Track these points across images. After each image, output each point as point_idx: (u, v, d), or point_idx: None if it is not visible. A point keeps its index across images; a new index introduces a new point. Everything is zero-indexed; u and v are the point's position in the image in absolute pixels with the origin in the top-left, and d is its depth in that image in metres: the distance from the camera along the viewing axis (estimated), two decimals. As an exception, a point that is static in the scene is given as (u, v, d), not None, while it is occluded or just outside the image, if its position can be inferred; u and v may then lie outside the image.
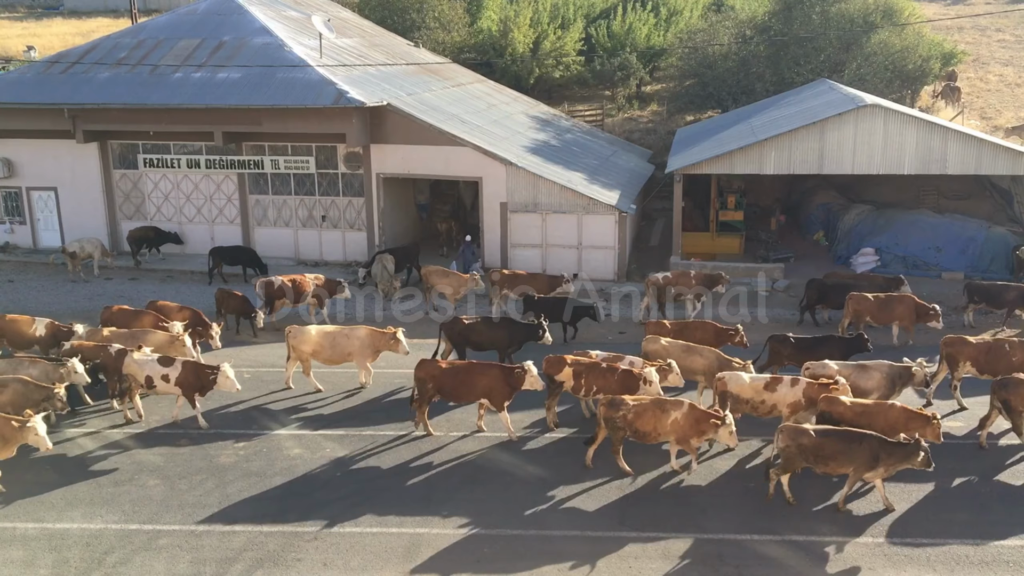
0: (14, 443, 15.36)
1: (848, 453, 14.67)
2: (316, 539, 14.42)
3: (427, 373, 17.73)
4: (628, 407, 15.94)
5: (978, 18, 59.31)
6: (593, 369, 17.84)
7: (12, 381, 16.91)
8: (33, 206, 32.36)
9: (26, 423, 15.18)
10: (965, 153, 26.89)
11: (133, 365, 18.22)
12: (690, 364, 18.78)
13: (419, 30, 46.48)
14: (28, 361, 18.23)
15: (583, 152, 34.74)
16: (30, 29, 62.54)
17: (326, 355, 20.01)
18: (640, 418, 15.90)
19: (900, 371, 17.67)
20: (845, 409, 16.04)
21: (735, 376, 17.33)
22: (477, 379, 17.70)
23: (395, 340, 19.76)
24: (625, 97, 48.68)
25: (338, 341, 19.95)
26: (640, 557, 13.92)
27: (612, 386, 17.49)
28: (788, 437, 14.96)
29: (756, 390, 17.04)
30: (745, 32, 43.76)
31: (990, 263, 28.18)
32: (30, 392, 16.73)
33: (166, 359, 18.30)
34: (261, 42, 31.78)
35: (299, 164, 30.57)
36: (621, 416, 15.94)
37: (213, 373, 17.97)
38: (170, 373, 18.05)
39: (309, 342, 19.95)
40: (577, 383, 17.86)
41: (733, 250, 30.89)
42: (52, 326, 20.62)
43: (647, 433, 16.00)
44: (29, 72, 32.37)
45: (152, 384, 18.16)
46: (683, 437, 15.91)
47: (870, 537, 14.38)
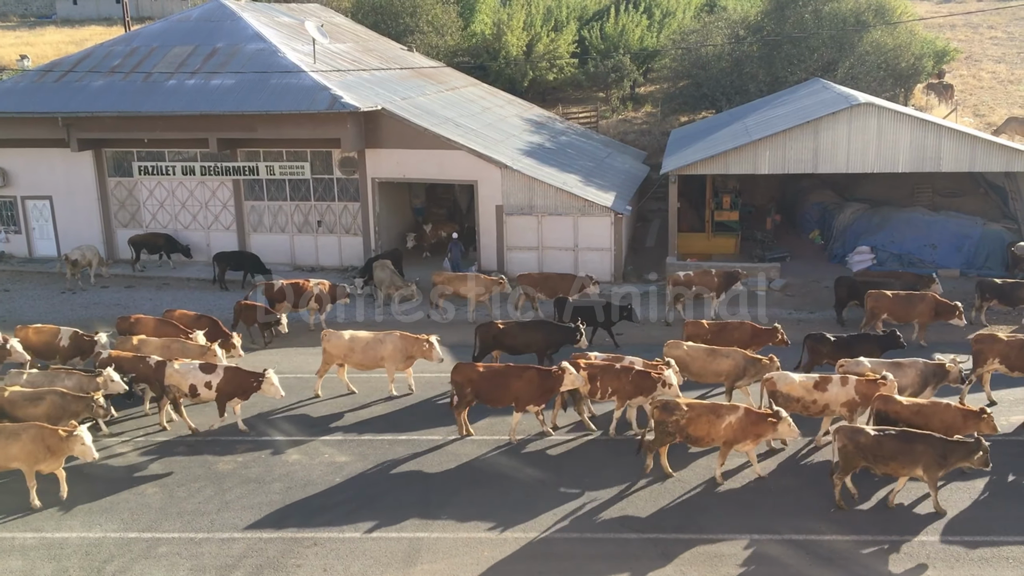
0: (61, 454, 15.32)
1: (908, 453, 14.50)
2: (316, 545, 14.41)
3: (464, 377, 17.64)
4: (681, 411, 15.77)
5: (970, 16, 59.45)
6: (608, 371, 17.70)
7: (49, 393, 16.87)
8: (28, 215, 32.33)
9: (72, 433, 15.15)
10: (959, 150, 26.94)
11: (175, 375, 18.11)
12: (715, 367, 18.64)
13: (412, 34, 46.51)
14: (64, 373, 18.15)
15: (578, 154, 34.77)
16: (23, 38, 62.49)
17: (358, 360, 19.94)
18: (694, 423, 15.73)
19: (934, 368, 17.75)
20: (902, 408, 15.98)
21: (784, 376, 17.27)
22: (514, 382, 17.57)
23: (429, 346, 19.68)
24: (619, 99, 48.72)
25: (371, 346, 19.87)
26: (641, 558, 13.93)
27: (627, 388, 17.43)
28: (845, 437, 14.82)
29: (806, 389, 16.97)
30: (738, 32, 43.82)
31: (985, 260, 28.24)
32: (68, 403, 16.68)
33: (208, 366, 18.19)
34: (254, 48, 31.78)
35: (294, 169, 30.57)
36: (674, 420, 15.77)
37: (256, 380, 17.90)
38: (213, 380, 17.96)
39: (340, 347, 19.91)
40: (592, 385, 17.72)
41: (729, 250, 30.92)
42: (76, 336, 20.51)
43: (700, 438, 15.84)
44: (23, 81, 32.34)
45: (196, 392, 18.04)
46: (738, 441, 15.76)
47: (870, 535, 14.39)
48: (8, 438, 15.16)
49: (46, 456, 15.23)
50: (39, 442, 15.14)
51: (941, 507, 14.88)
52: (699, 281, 25.28)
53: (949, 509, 15.02)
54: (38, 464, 15.29)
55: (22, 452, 15.14)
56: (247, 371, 18.21)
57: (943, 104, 43.64)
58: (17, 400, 16.81)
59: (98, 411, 16.76)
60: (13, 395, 16.91)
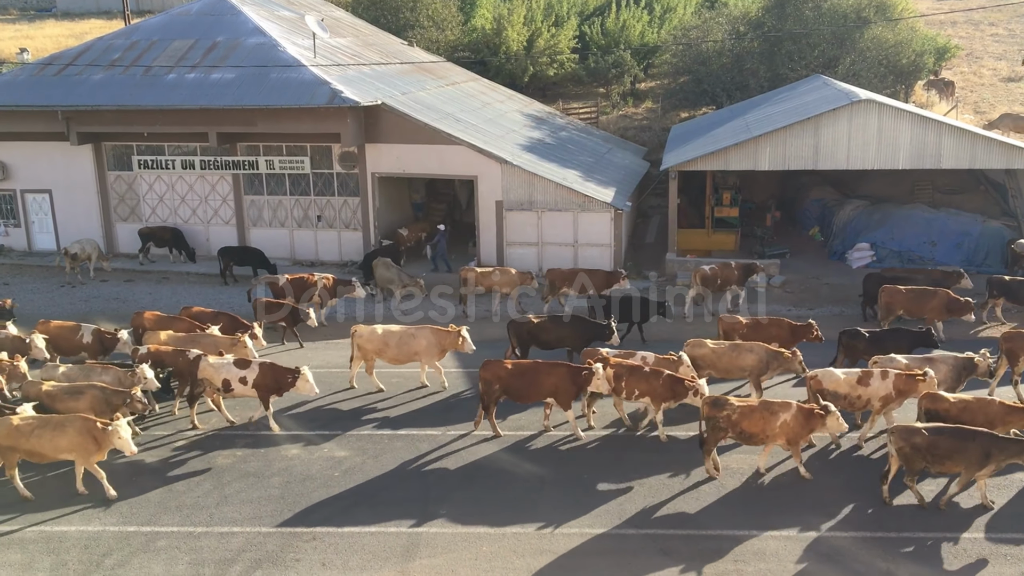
0: (105, 446, 15.33)
1: (962, 451, 14.42)
2: (314, 539, 14.42)
3: (493, 374, 17.57)
4: (732, 408, 15.71)
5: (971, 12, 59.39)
6: (635, 372, 17.53)
7: (89, 388, 16.87)
8: (27, 209, 32.30)
9: (109, 426, 15.16)
10: (959, 147, 26.93)
11: (209, 369, 18.05)
12: (740, 363, 18.62)
13: (413, 29, 46.45)
14: (100, 368, 18.14)
15: (578, 150, 34.74)
16: (23, 31, 62.39)
17: (391, 355, 19.89)
18: (747, 419, 15.66)
19: (964, 362, 17.82)
20: (949, 405, 15.96)
21: (829, 373, 17.26)
22: (544, 379, 17.49)
23: (460, 338, 19.66)
24: (619, 94, 48.67)
25: (404, 341, 19.84)
26: (639, 554, 13.94)
27: (656, 390, 17.29)
28: (901, 438, 14.72)
29: (851, 385, 16.97)
30: (739, 28, 43.78)
31: (985, 257, 28.25)
32: (108, 397, 16.68)
33: (242, 361, 18.14)
34: (255, 42, 31.72)
35: (294, 164, 30.54)
36: (724, 416, 15.70)
37: (292, 376, 17.85)
38: (248, 375, 17.91)
39: (374, 341, 19.87)
40: (618, 385, 17.59)
41: (728, 246, 30.91)
42: (98, 333, 20.41)
43: (754, 435, 15.77)
44: (22, 74, 32.28)
45: (230, 388, 18.00)
46: (792, 438, 15.72)
47: (869, 532, 14.40)
48: (55, 430, 15.20)
49: (93, 448, 15.24)
50: (86, 434, 15.16)
51: (989, 501, 14.89)
52: (722, 274, 25.59)
53: (948, 507, 15.03)
54: (87, 456, 15.31)
55: (70, 444, 15.18)
56: (283, 367, 18.11)
57: (944, 101, 43.62)
58: (57, 394, 16.82)
59: (136, 405, 16.70)
60: (53, 389, 16.91)
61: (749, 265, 26.02)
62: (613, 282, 25.35)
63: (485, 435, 17.90)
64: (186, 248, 30.58)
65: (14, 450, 15.27)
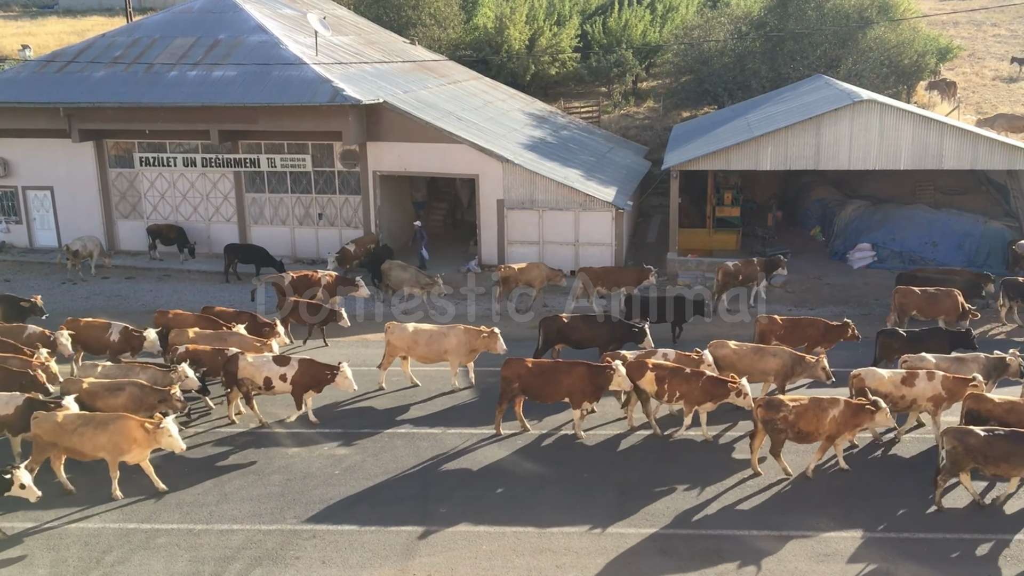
0: (147, 446, 15.32)
1: (1020, 454, 14.28)
2: (314, 537, 14.43)
3: (513, 372, 17.54)
4: (788, 408, 15.69)
5: (973, 13, 59.34)
6: (677, 374, 17.30)
7: (128, 384, 16.85)
8: (29, 205, 32.31)
9: (159, 425, 15.15)
10: (961, 148, 26.92)
11: (249, 368, 18.02)
12: (763, 366, 18.35)
13: (415, 27, 46.43)
14: (138, 367, 18.10)
15: (579, 149, 34.74)
16: (25, 28, 62.42)
17: (422, 352, 19.88)
18: (802, 418, 15.66)
19: (996, 362, 17.83)
20: (993, 406, 15.90)
21: (872, 372, 17.25)
22: (563, 378, 17.45)
23: (492, 337, 19.64)
24: (621, 94, 48.65)
25: (435, 339, 19.81)
26: (638, 553, 13.95)
27: (697, 392, 17.08)
28: (955, 438, 14.63)
29: (895, 384, 16.96)
30: (741, 28, 43.76)
31: (986, 258, 28.22)
32: (145, 395, 16.65)
33: (282, 359, 18.11)
34: (257, 40, 31.72)
35: (295, 162, 30.55)
36: (781, 417, 15.68)
37: (331, 372, 17.84)
38: (287, 373, 17.89)
39: (404, 339, 19.86)
40: (660, 388, 17.33)
41: (729, 246, 30.89)
42: (126, 331, 20.27)
43: (809, 433, 15.76)
44: (24, 71, 32.29)
45: (271, 385, 17.97)
46: (841, 433, 15.76)
47: (868, 532, 14.41)
48: (96, 428, 15.19)
49: (132, 447, 15.24)
50: (126, 433, 15.16)
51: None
52: (745, 271, 25.73)
53: (947, 505, 15.03)
54: (124, 455, 15.30)
55: (109, 442, 15.17)
56: (322, 364, 18.09)
57: (945, 102, 43.60)
58: (97, 391, 16.78)
59: (175, 404, 16.65)
60: (92, 386, 16.87)
61: (773, 261, 26.16)
62: (643, 279, 25.36)
63: (484, 434, 17.91)
64: (188, 245, 30.53)
65: (56, 446, 15.26)
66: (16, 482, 13.97)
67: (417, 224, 30.29)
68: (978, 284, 24.34)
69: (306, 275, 25.05)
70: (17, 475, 14.01)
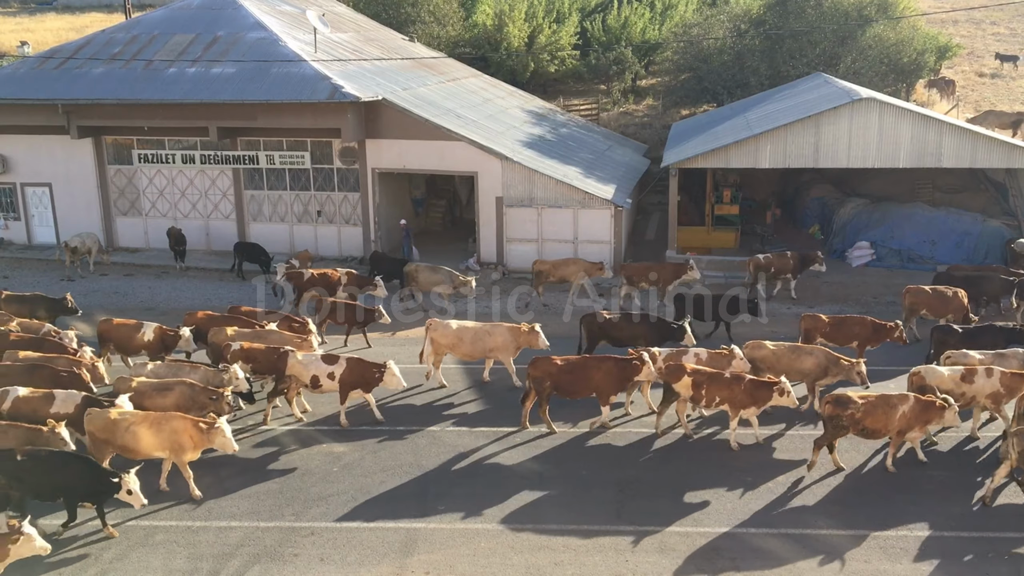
0: (200, 446, 15.28)
1: None
2: (313, 534, 14.44)
3: (543, 371, 17.48)
4: (856, 405, 15.67)
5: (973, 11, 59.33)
6: (716, 379, 17.01)
7: (178, 384, 16.76)
8: (28, 202, 32.29)
9: (214, 425, 15.10)
10: (960, 146, 26.93)
11: (297, 366, 17.96)
12: (799, 366, 18.09)
13: (414, 24, 46.39)
14: (189, 367, 18.02)
15: (579, 146, 34.73)
16: (23, 24, 62.37)
17: (466, 350, 19.85)
18: (870, 415, 15.64)
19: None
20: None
21: (931, 370, 17.23)
22: (593, 373, 17.39)
23: (534, 334, 19.58)
24: (620, 91, 48.62)
25: (479, 337, 19.78)
26: (637, 551, 13.95)
27: (739, 396, 16.73)
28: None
29: (955, 382, 16.93)
30: (740, 26, 43.73)
31: (985, 256, 28.22)
32: (196, 395, 16.54)
33: (330, 357, 18.07)
34: (256, 37, 31.69)
35: (294, 159, 30.53)
36: (849, 415, 15.67)
37: (379, 371, 17.79)
38: (336, 371, 17.85)
39: (448, 336, 19.83)
40: (697, 393, 17.01)
41: (728, 244, 30.90)
42: (160, 330, 20.08)
43: (877, 430, 15.75)
44: (23, 68, 32.27)
45: (318, 384, 17.92)
46: (911, 430, 15.77)
47: (866, 530, 14.42)
48: (151, 426, 15.15)
49: (188, 447, 15.19)
50: (181, 433, 15.10)
51: None
52: (777, 263, 25.80)
53: (944, 504, 15.04)
54: (177, 454, 15.24)
55: (164, 441, 15.13)
56: (370, 362, 18.03)
57: (944, 100, 43.60)
58: (146, 391, 16.69)
59: (224, 406, 16.51)
60: (142, 385, 16.80)
61: (809, 256, 26.20)
62: (681, 273, 25.39)
63: (483, 431, 17.92)
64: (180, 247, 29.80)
65: (109, 444, 15.19)
66: (124, 487, 13.82)
67: (403, 223, 30.15)
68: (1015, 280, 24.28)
69: (325, 272, 24.99)
70: (126, 480, 13.85)
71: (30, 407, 16.04)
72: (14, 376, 17.17)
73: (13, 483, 13.93)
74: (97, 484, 13.99)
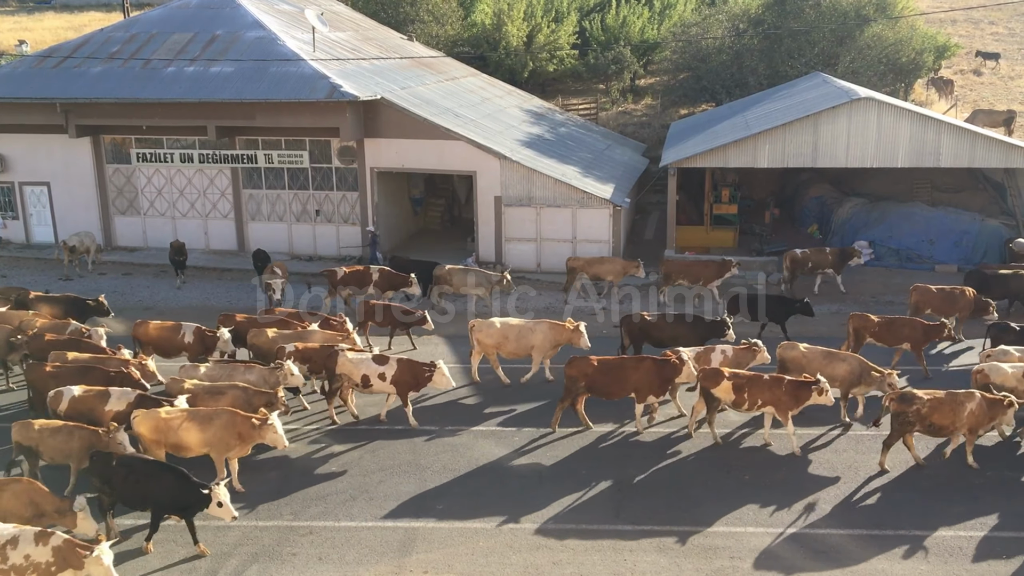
0: (251, 442, 15.28)
1: None
2: (311, 533, 14.43)
3: (579, 371, 17.44)
4: (922, 402, 15.70)
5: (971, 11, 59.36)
6: (756, 382, 16.72)
7: (231, 388, 16.70)
8: (26, 201, 32.25)
9: (265, 421, 15.07)
10: (958, 146, 26.95)
11: (348, 364, 17.95)
12: (831, 372, 17.58)
13: (412, 24, 46.38)
14: (243, 367, 17.97)
15: (577, 146, 34.72)
16: (22, 23, 62.30)
17: (510, 348, 19.89)
18: (936, 412, 15.67)
19: None
20: None
21: (996, 368, 17.23)
22: (630, 374, 17.36)
23: (578, 333, 19.57)
24: (619, 91, 48.64)
25: (523, 334, 19.83)
26: (635, 550, 13.96)
27: (782, 399, 16.46)
28: None
29: (1018, 379, 16.96)
30: (739, 25, 43.74)
31: (983, 256, 28.24)
32: (250, 397, 16.47)
33: (380, 357, 18.06)
34: (254, 36, 31.67)
35: (293, 158, 30.51)
36: (915, 411, 15.70)
37: (429, 371, 17.75)
38: (386, 371, 17.83)
39: (493, 335, 19.86)
40: (739, 397, 16.71)
41: (727, 243, 30.89)
42: (199, 332, 19.94)
43: (944, 427, 15.77)
44: (21, 66, 32.23)
45: (368, 383, 17.89)
46: (975, 427, 15.80)
47: (864, 529, 14.43)
48: (202, 423, 15.14)
49: (237, 443, 15.19)
50: (231, 428, 15.10)
51: None
52: (815, 258, 25.94)
53: (944, 504, 15.05)
54: (229, 451, 15.25)
55: (214, 438, 15.12)
56: (419, 363, 17.99)
57: (943, 99, 43.63)
58: (199, 394, 16.61)
59: (279, 405, 16.46)
60: (195, 389, 16.72)
61: (847, 251, 26.33)
62: (724, 272, 25.43)
63: (482, 430, 17.93)
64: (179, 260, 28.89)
65: (160, 444, 15.14)
66: (215, 499, 13.50)
67: (370, 229, 29.63)
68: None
69: (358, 270, 24.94)
70: (216, 492, 13.52)
71: (86, 406, 16.04)
72: (67, 378, 17.13)
73: (106, 488, 13.83)
74: (187, 497, 13.63)
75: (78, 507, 12.95)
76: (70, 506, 12.99)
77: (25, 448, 15.02)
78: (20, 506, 12.99)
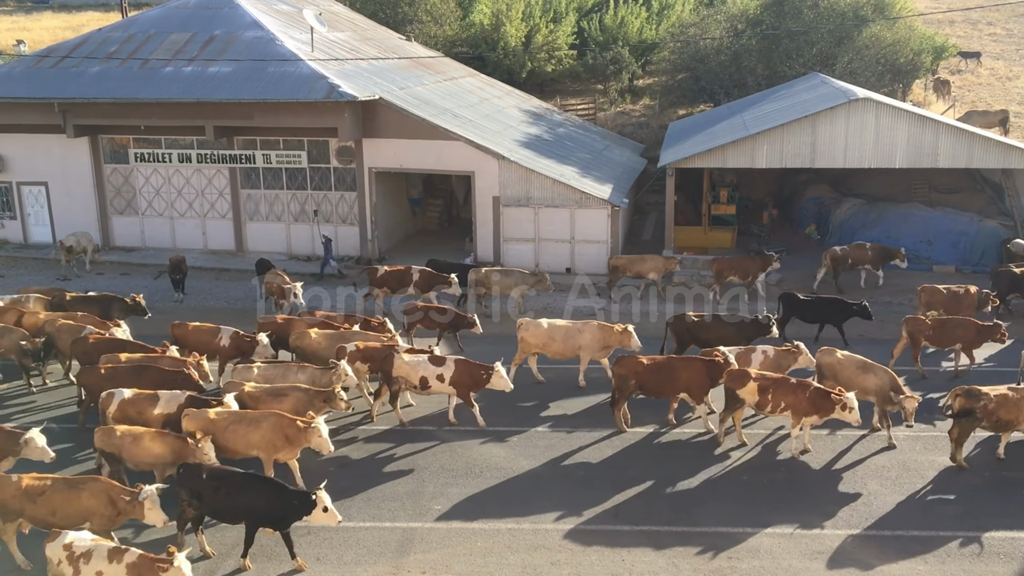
0: (298, 445, 15.20)
1: None
2: (309, 533, 14.42)
3: (629, 369, 17.47)
4: (988, 398, 15.75)
5: (969, 12, 59.40)
6: (782, 385, 16.61)
7: (292, 390, 16.61)
8: (24, 201, 32.22)
9: (311, 424, 15.00)
10: (956, 146, 26.98)
11: (405, 366, 17.86)
12: (862, 383, 17.22)
13: (411, 24, 46.37)
14: (296, 367, 17.92)
15: (575, 146, 34.72)
16: (20, 23, 62.24)
17: (556, 349, 19.83)
18: (1002, 407, 15.75)
19: None
20: None
21: None
22: (680, 373, 17.39)
23: (627, 335, 19.52)
24: (617, 91, 48.66)
25: (570, 335, 19.77)
26: (633, 549, 13.96)
27: (804, 404, 16.33)
28: None
29: None
30: (737, 26, 43.74)
31: (981, 256, 28.28)
32: (311, 398, 16.40)
33: (437, 358, 17.97)
34: (252, 36, 31.65)
35: (291, 158, 30.49)
36: (981, 407, 15.75)
37: (487, 372, 17.68)
38: (444, 373, 17.76)
39: (540, 336, 19.82)
40: (763, 399, 16.61)
41: (725, 244, 30.91)
42: (237, 336, 19.77)
43: (1009, 422, 15.87)
44: (19, 66, 32.20)
45: (427, 385, 17.82)
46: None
47: (863, 529, 14.44)
48: (249, 426, 15.11)
49: (284, 445, 15.12)
50: (278, 431, 15.05)
51: None
52: (854, 254, 26.13)
53: (941, 503, 15.06)
54: (276, 453, 15.19)
55: (262, 440, 15.08)
56: (477, 364, 17.91)
57: (941, 100, 43.66)
58: (260, 396, 16.53)
59: (339, 404, 16.38)
60: (255, 391, 16.63)
61: (890, 250, 26.46)
62: (767, 266, 25.65)
63: (481, 430, 17.90)
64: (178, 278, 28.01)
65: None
66: (320, 504, 13.15)
67: (324, 235, 29.33)
68: None
69: (399, 269, 24.91)
70: (321, 497, 13.19)
71: (136, 409, 15.97)
72: (122, 379, 17.06)
73: (193, 501, 13.62)
74: (285, 506, 13.29)
75: (143, 496, 12.82)
76: (138, 496, 12.87)
77: (108, 455, 14.95)
78: (101, 505, 12.99)
